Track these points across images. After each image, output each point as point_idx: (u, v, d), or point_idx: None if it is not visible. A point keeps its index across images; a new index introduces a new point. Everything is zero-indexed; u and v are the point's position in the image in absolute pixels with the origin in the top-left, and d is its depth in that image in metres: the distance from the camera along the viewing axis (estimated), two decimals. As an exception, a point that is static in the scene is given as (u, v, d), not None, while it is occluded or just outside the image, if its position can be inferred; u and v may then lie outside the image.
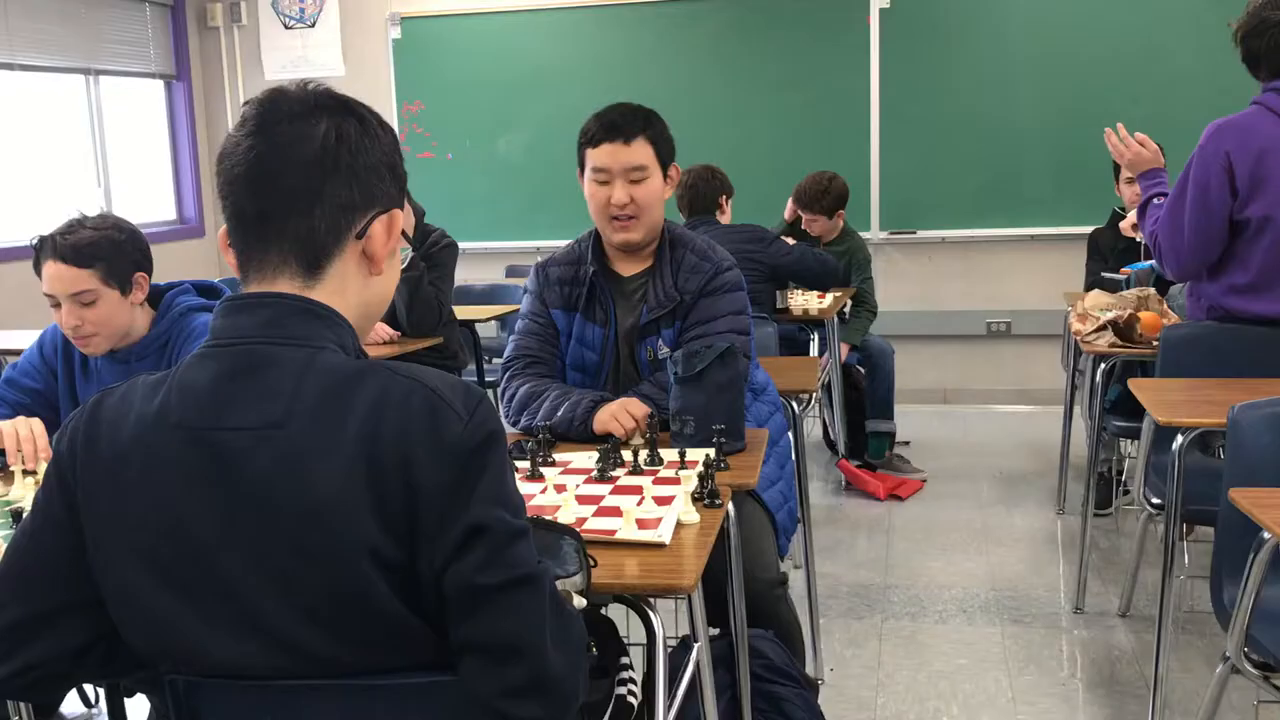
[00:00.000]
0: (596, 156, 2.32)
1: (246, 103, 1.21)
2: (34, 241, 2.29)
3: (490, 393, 4.58)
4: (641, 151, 2.31)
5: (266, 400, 1.11)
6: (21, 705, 1.69)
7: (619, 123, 2.30)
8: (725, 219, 4.29)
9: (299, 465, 1.09)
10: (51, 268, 2.24)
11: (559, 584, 1.33)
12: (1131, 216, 3.93)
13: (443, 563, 1.11)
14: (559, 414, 2.19)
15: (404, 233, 1.27)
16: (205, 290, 2.49)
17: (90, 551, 1.17)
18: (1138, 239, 3.84)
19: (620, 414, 2.17)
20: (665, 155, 2.35)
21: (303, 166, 1.17)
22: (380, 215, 1.22)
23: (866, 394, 4.71)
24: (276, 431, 1.10)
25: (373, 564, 1.09)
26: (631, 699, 1.60)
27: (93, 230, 2.26)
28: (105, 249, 2.25)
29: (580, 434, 2.18)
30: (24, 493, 2.06)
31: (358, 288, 1.23)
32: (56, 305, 2.28)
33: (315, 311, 1.17)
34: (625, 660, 1.61)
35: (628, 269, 2.40)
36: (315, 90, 1.21)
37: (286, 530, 1.09)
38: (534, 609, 1.14)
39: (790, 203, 4.82)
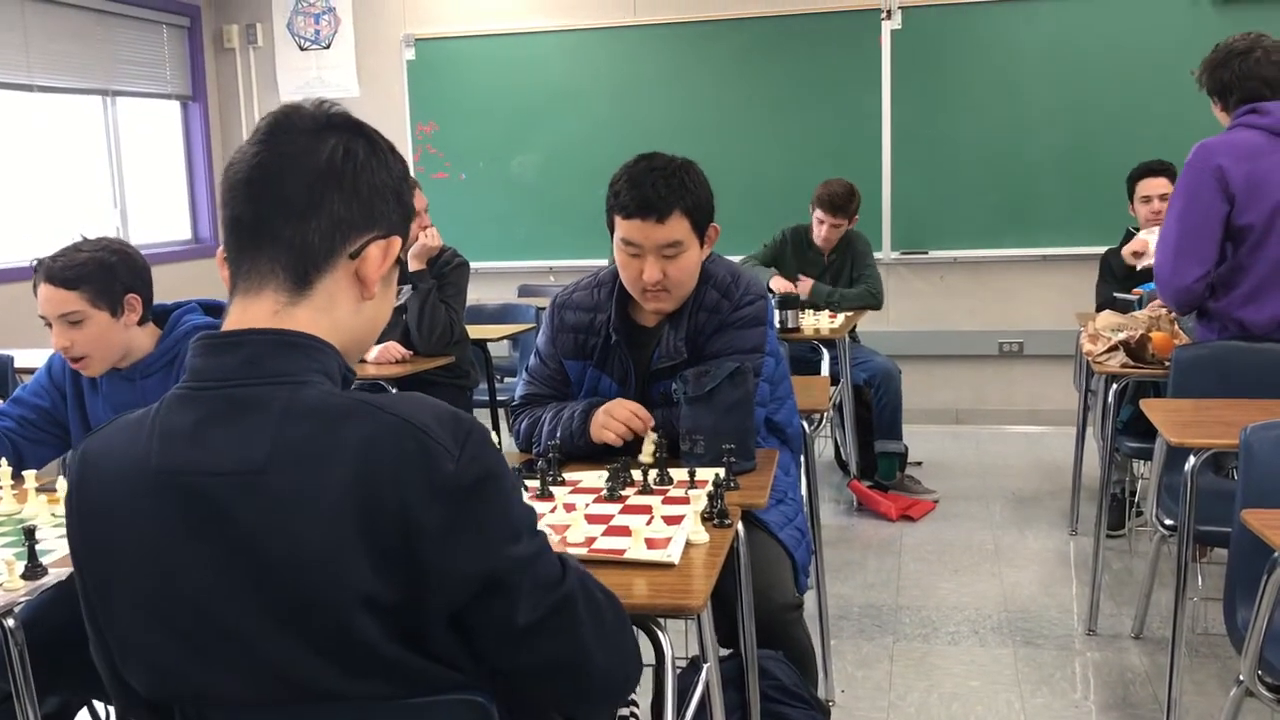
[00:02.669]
0: (627, 229, 2.17)
1: (263, 118, 1.21)
2: (32, 264, 2.34)
3: (502, 412, 4.58)
4: (677, 227, 2.15)
5: (249, 445, 1.08)
6: (29, 711, 1.71)
7: (652, 200, 2.12)
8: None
9: (285, 513, 1.06)
10: (42, 290, 2.29)
11: None
12: (1134, 244, 3.89)
13: (461, 605, 1.10)
14: (558, 435, 2.18)
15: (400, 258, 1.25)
16: (212, 309, 2.52)
17: (92, 600, 1.17)
18: (1139, 267, 3.81)
19: (609, 423, 2.15)
20: (703, 222, 2.20)
21: (304, 175, 1.15)
22: (379, 239, 1.19)
23: (874, 415, 4.69)
24: (259, 478, 1.07)
25: (366, 610, 1.07)
26: (634, 720, 1.60)
27: (83, 253, 2.29)
28: (93, 271, 2.28)
29: (585, 447, 2.17)
30: (37, 510, 2.07)
31: (347, 310, 1.19)
32: (49, 326, 2.32)
33: (294, 343, 1.14)
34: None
35: (650, 319, 2.32)
36: (330, 109, 1.20)
37: (282, 577, 1.07)
38: (571, 629, 1.16)
39: (776, 279, 4.62)
